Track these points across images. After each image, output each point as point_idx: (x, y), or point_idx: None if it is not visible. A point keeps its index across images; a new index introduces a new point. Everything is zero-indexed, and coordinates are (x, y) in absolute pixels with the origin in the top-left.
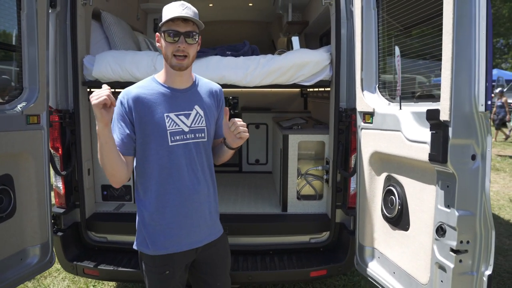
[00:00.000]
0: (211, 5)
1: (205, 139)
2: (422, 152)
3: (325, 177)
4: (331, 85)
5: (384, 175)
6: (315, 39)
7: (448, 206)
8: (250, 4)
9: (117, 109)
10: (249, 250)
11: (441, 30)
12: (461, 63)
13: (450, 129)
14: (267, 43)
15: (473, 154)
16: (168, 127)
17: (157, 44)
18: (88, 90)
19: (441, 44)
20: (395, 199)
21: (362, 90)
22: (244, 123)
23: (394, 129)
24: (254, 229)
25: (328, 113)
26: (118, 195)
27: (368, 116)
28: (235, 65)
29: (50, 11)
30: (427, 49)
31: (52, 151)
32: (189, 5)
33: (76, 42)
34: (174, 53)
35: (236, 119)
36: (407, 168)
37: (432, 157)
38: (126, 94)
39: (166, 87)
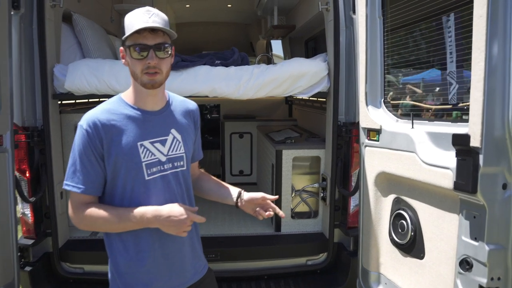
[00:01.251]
0: (188, 6)
1: (184, 168)
2: (443, 178)
3: (321, 194)
4: (329, 97)
5: (391, 196)
6: (299, 43)
7: (475, 239)
8: (229, 6)
9: (80, 139)
10: (243, 276)
11: (457, 41)
12: (493, 83)
13: (481, 157)
14: (245, 45)
15: (504, 182)
16: (143, 158)
17: (122, 61)
18: (59, 102)
19: (457, 56)
20: (407, 224)
21: (367, 105)
22: (275, 211)
23: (406, 150)
24: (247, 253)
25: (316, 122)
26: None
27: (374, 133)
28: (226, 76)
29: (12, 13)
30: (439, 61)
31: (18, 174)
32: (156, 11)
33: (44, 49)
34: (144, 71)
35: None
36: (421, 192)
37: (458, 186)
38: (91, 121)
39: (137, 109)
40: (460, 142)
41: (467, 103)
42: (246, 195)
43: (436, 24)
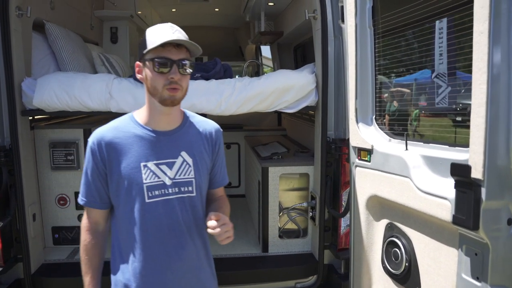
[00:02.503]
0: (174, 10)
1: (193, 194)
2: (440, 209)
3: (310, 213)
4: (317, 112)
5: (384, 221)
6: (288, 49)
7: (477, 279)
8: (216, 9)
9: (87, 154)
10: None
11: (454, 53)
12: (496, 108)
13: (483, 190)
14: (234, 50)
15: (509, 218)
16: (145, 179)
17: (138, 76)
18: (30, 118)
19: (452, 70)
20: (401, 253)
21: (357, 122)
22: (228, 224)
23: (400, 174)
24: (233, 277)
25: (305, 134)
26: (73, 238)
27: (365, 153)
28: (206, 91)
29: None
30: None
31: None
32: (179, 28)
33: (11, 62)
34: (166, 86)
35: (214, 216)
36: (416, 220)
37: (457, 221)
38: (98, 138)
39: (146, 128)
40: (459, 172)
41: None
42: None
43: (431, 33)
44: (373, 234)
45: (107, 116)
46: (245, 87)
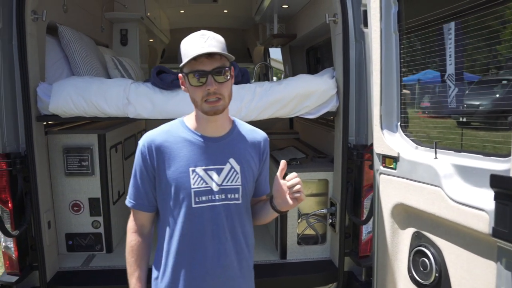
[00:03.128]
0: (182, 11)
1: (239, 201)
2: (476, 220)
3: (330, 220)
4: (338, 117)
5: (410, 230)
6: (300, 52)
7: None
8: (225, 11)
9: (137, 157)
10: None
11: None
12: None
13: None
14: (242, 52)
15: None
16: (193, 184)
17: (182, 88)
18: (45, 123)
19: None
20: (430, 263)
21: (382, 129)
22: (300, 182)
23: (429, 183)
24: None
25: (320, 138)
26: (87, 245)
27: (390, 160)
28: None
29: None
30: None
31: None
32: (211, 33)
33: (26, 67)
34: (204, 98)
35: (293, 174)
36: (446, 230)
37: (498, 234)
38: (148, 141)
39: (196, 134)
40: (500, 184)
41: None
42: (273, 190)
43: (462, 39)
44: (398, 242)
45: (120, 121)
46: (265, 93)
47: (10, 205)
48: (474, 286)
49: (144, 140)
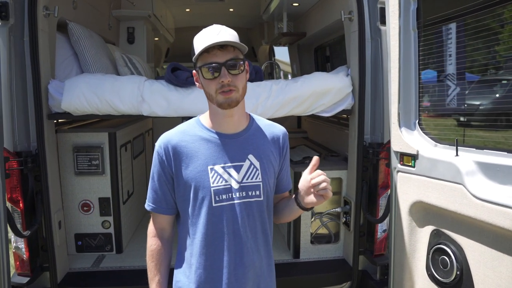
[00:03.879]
0: (188, 10)
1: (261, 198)
2: (501, 218)
3: (343, 219)
4: (353, 115)
5: (429, 228)
6: (308, 50)
7: None
8: (231, 10)
9: (154, 159)
10: None
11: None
12: None
13: None
14: (247, 50)
15: None
16: (212, 183)
17: (197, 84)
18: (55, 121)
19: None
20: (451, 261)
21: (400, 127)
22: (327, 178)
23: (451, 181)
24: None
25: (330, 137)
26: (97, 245)
27: (408, 158)
28: None
29: (0, 24)
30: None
31: (10, 205)
32: (223, 27)
33: (38, 64)
34: (218, 90)
35: (320, 171)
36: (468, 227)
37: None
38: (164, 142)
39: (212, 131)
40: None
41: None
42: (299, 186)
43: (484, 36)
44: (416, 241)
45: (129, 119)
46: (282, 90)
47: (21, 205)
48: (499, 284)
49: (160, 142)
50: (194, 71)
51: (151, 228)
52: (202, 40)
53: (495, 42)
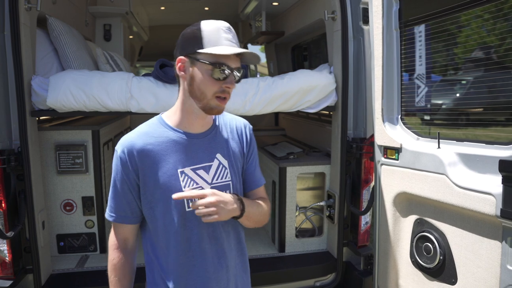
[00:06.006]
0: (162, 8)
1: None
2: (482, 204)
3: (327, 212)
4: (336, 112)
5: (412, 217)
6: (285, 49)
7: None
8: (206, 8)
9: (115, 165)
10: None
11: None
12: None
13: None
14: None
15: None
16: (184, 187)
17: (180, 73)
18: (37, 119)
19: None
20: (434, 247)
21: (383, 122)
22: (207, 201)
23: (434, 171)
24: (254, 279)
25: (309, 133)
26: (80, 245)
27: (392, 151)
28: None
29: None
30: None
31: None
32: (232, 29)
33: (20, 59)
34: (216, 93)
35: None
36: (450, 214)
37: (506, 214)
38: (127, 146)
39: (179, 131)
40: (509, 169)
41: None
42: None
43: (462, 34)
44: (400, 230)
45: (112, 117)
46: (269, 87)
47: (3, 205)
48: (479, 265)
49: (122, 146)
50: (182, 57)
51: (112, 240)
52: (218, 36)
53: (457, 44)
